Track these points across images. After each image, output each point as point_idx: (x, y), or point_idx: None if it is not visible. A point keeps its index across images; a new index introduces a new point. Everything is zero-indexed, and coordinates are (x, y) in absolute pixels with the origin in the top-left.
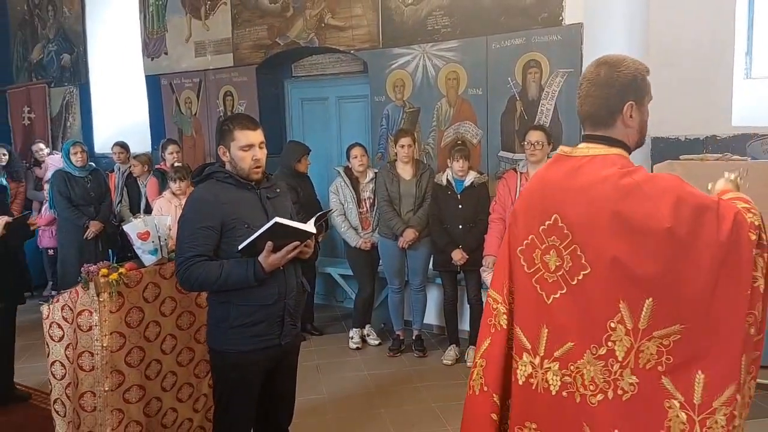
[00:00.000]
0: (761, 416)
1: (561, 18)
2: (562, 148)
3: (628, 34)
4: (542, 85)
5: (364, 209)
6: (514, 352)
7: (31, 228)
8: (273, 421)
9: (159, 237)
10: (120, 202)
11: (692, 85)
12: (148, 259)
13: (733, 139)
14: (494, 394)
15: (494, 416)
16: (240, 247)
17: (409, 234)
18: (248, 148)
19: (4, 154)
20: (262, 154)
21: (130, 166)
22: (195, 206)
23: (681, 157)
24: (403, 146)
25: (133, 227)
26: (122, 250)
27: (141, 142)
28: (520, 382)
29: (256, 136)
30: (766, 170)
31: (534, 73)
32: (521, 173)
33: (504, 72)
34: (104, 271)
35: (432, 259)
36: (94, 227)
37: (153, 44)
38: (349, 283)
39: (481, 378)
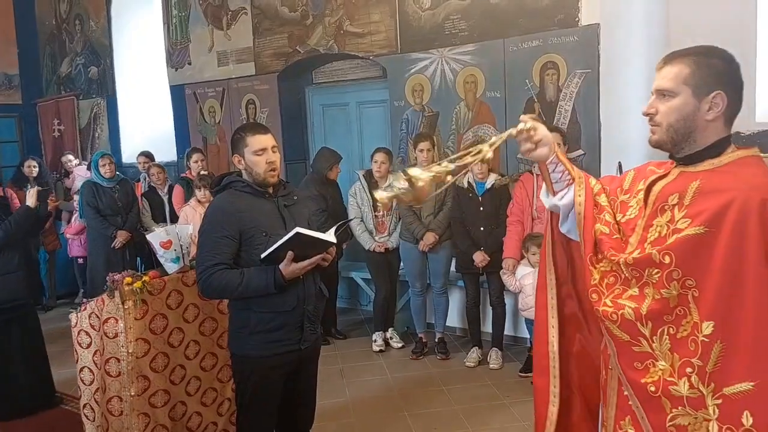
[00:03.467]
0: None
1: (577, 19)
2: (755, 151)
3: (647, 33)
4: (560, 86)
5: (381, 213)
6: None
7: (49, 207)
8: (294, 424)
9: (181, 245)
10: (142, 213)
11: None
12: (171, 267)
13: (757, 136)
14: None
15: None
16: (262, 256)
17: (430, 237)
18: (262, 152)
19: (34, 167)
20: (275, 157)
21: (150, 176)
22: (214, 216)
23: None
24: (422, 151)
25: (155, 236)
26: (150, 257)
27: (167, 152)
28: None
29: (268, 140)
30: None
31: (551, 74)
32: (537, 175)
33: (521, 74)
34: (128, 279)
35: (454, 261)
36: (121, 237)
37: (177, 55)
38: (371, 286)
39: None
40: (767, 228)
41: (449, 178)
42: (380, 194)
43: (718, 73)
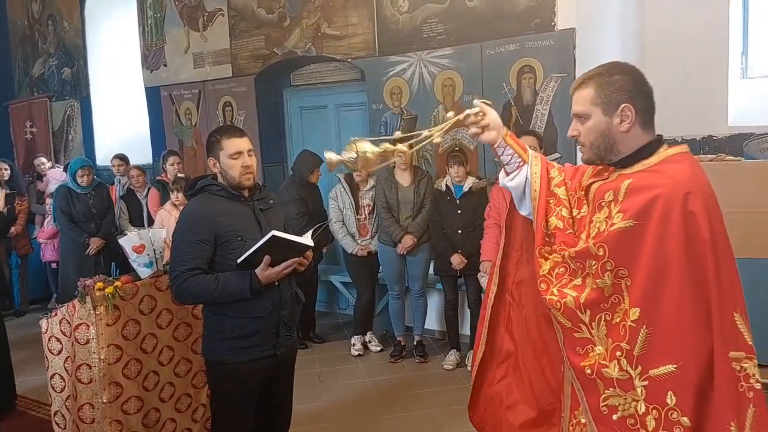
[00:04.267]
0: None
1: (553, 23)
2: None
3: (622, 38)
4: (537, 90)
5: (363, 216)
6: None
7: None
8: (270, 429)
9: (154, 250)
10: (119, 216)
11: (688, 87)
12: (144, 272)
13: (729, 139)
14: None
15: None
16: (239, 261)
17: (408, 240)
18: (237, 156)
19: (5, 169)
20: (251, 161)
21: (129, 179)
22: (188, 220)
23: None
24: None
25: (128, 241)
26: (125, 262)
27: (142, 154)
28: None
29: (244, 143)
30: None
31: (528, 78)
32: None
33: (499, 78)
34: (100, 284)
35: (432, 264)
36: (94, 244)
37: (152, 56)
38: (350, 290)
39: None
40: (689, 220)
41: (397, 158)
42: (330, 155)
43: (620, 88)
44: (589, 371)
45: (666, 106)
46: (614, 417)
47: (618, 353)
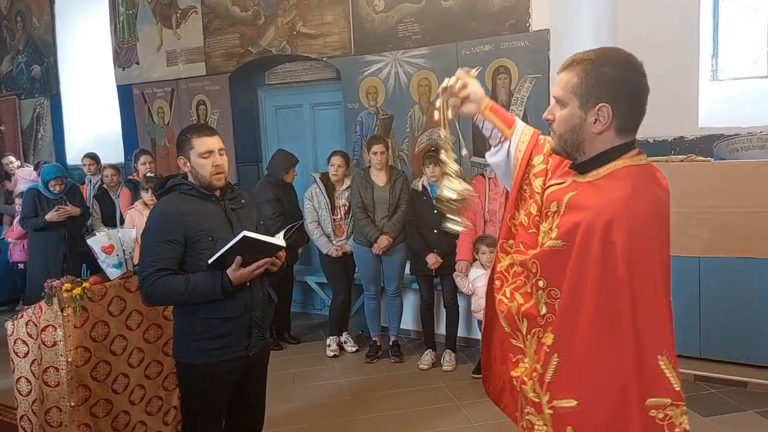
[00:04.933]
0: (729, 412)
1: (528, 24)
2: (641, 159)
3: (596, 39)
4: (511, 90)
5: (339, 216)
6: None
7: None
8: (243, 431)
9: (124, 250)
10: (91, 215)
11: (660, 88)
12: (113, 273)
13: (699, 140)
14: None
15: None
16: (210, 262)
17: (383, 241)
18: (208, 155)
19: None
20: (222, 160)
21: (101, 178)
22: (157, 220)
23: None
24: (375, 153)
25: (96, 241)
26: (95, 263)
27: (114, 153)
28: None
29: (215, 142)
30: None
31: (503, 78)
32: (489, 178)
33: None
34: (68, 285)
35: (409, 263)
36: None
37: (124, 54)
38: (326, 291)
39: None
40: (607, 251)
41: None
42: (457, 186)
43: (605, 83)
44: (515, 383)
45: None
46: None
47: (534, 374)
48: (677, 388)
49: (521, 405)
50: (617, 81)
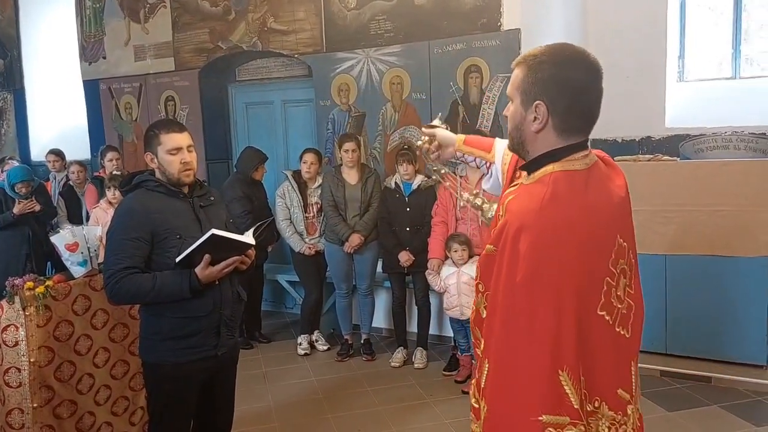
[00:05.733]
0: (694, 406)
1: (499, 24)
2: (574, 164)
3: (565, 40)
4: (483, 89)
5: (311, 214)
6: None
7: None
8: (211, 431)
9: (88, 248)
10: (57, 213)
11: (628, 89)
12: (78, 271)
13: (666, 140)
14: None
15: None
16: (177, 260)
17: (355, 239)
18: (176, 152)
19: None
20: (191, 157)
21: (66, 175)
22: (123, 216)
23: (615, 158)
24: (347, 151)
25: (60, 238)
26: (60, 262)
27: (80, 149)
28: None
29: (183, 138)
30: (695, 168)
31: (475, 77)
32: (460, 177)
33: (446, 77)
34: (30, 284)
35: (380, 261)
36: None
37: (91, 48)
38: (297, 289)
39: None
40: (512, 259)
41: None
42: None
43: (542, 80)
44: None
45: (606, 108)
46: None
47: (473, 381)
48: (576, 406)
49: None
50: (556, 79)
